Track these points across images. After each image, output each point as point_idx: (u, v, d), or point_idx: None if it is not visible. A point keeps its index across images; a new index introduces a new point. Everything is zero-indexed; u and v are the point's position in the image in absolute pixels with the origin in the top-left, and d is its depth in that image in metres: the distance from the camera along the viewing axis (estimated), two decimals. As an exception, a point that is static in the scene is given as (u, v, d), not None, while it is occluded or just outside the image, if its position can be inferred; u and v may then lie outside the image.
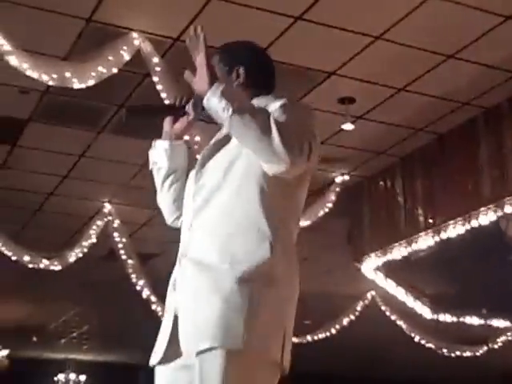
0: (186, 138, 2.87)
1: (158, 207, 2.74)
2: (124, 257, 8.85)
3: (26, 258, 8.48)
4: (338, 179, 7.93)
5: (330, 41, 5.65)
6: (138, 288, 9.34)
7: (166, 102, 2.67)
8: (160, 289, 9.81)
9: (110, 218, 8.55)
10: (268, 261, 2.31)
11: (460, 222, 6.86)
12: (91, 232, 8.47)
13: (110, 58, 5.35)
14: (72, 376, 16.31)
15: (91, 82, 5.36)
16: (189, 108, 2.59)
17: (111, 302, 11.34)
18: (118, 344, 14.68)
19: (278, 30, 5.52)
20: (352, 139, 7.12)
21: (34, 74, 5.07)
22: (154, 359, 2.44)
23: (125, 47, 5.39)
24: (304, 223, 7.98)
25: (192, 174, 2.55)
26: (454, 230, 6.94)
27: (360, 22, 5.44)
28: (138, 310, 10.82)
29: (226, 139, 2.45)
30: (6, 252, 8.18)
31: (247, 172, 2.37)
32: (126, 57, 5.43)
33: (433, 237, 7.18)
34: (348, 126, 6.64)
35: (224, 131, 2.48)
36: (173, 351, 2.38)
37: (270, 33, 5.54)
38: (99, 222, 8.53)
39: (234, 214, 2.36)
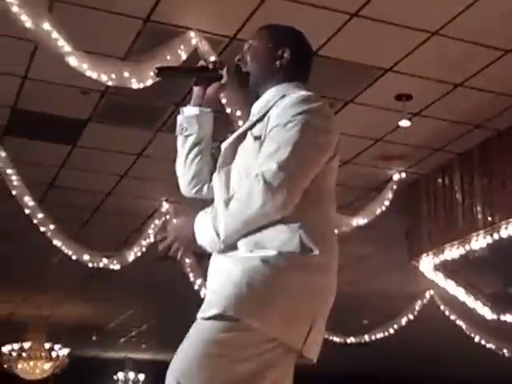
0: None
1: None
2: (181, 256, 8.91)
3: (86, 257, 8.61)
4: (396, 177, 7.88)
5: (386, 37, 5.63)
6: (196, 287, 9.41)
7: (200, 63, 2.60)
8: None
9: (167, 216, 8.63)
10: (298, 250, 2.26)
11: (519, 220, 6.77)
12: (149, 231, 8.56)
13: (168, 57, 5.40)
14: (131, 375, 16.51)
15: (149, 82, 5.42)
16: (224, 71, 2.58)
17: (169, 301, 11.45)
18: (175, 343, 14.76)
19: (334, 27, 5.51)
20: (409, 136, 7.08)
21: (94, 75, 5.15)
22: None
23: (182, 46, 5.43)
24: (361, 221, 7.97)
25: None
26: (514, 228, 6.85)
27: (416, 17, 5.40)
28: (196, 309, 10.90)
29: (244, 136, 2.43)
30: (66, 251, 8.32)
31: None
32: (184, 56, 5.47)
33: (491, 235, 7.08)
34: (405, 123, 6.59)
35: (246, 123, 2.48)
36: None
37: (325, 30, 5.54)
38: (157, 221, 8.62)
39: None
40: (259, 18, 5.30)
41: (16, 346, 12.98)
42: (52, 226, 7.83)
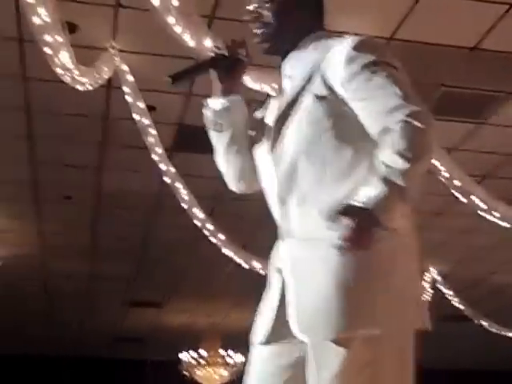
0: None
1: None
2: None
3: (256, 265, 8.78)
4: None
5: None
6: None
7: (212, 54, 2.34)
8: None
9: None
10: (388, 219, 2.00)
11: None
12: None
13: (328, 62, 5.42)
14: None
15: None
16: (243, 54, 2.31)
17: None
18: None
19: (491, 19, 5.35)
20: None
21: (256, 86, 5.25)
22: (255, 338, 2.26)
23: (340, 51, 5.44)
24: None
25: (262, 142, 2.26)
26: None
27: None
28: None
29: (292, 103, 2.16)
30: (238, 260, 8.53)
31: (336, 136, 2.10)
32: (341, 60, 5.48)
33: None
34: None
35: (291, 86, 2.19)
36: (277, 332, 2.17)
37: (483, 23, 5.39)
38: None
39: (334, 175, 2.10)
40: (415, 17, 5.25)
41: (193, 353, 13.33)
42: (222, 237, 8.03)
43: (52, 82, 5.45)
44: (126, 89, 5.69)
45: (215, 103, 2.35)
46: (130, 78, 5.65)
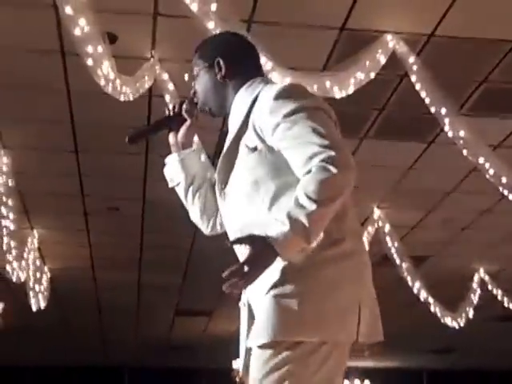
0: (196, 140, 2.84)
1: (427, 209, 2.61)
2: (397, 261, 8.86)
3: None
4: None
5: None
6: (415, 291, 9.29)
7: (164, 114, 2.59)
8: (437, 290, 9.73)
9: (380, 223, 8.60)
10: (326, 245, 2.17)
11: None
12: (364, 239, 8.56)
13: (367, 63, 5.40)
14: (356, 382, 16.57)
15: (351, 90, 5.44)
16: (184, 113, 2.55)
17: (387, 306, 11.36)
18: (398, 350, 14.66)
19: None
20: None
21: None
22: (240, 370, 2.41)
23: (380, 50, 5.41)
24: None
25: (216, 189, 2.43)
26: None
27: None
28: (418, 313, 10.77)
29: (235, 146, 2.34)
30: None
31: (269, 170, 2.24)
32: (382, 60, 5.45)
33: None
34: None
35: (229, 136, 2.38)
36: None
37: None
38: (370, 228, 8.60)
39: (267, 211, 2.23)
40: (456, 11, 5.18)
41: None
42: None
43: (94, 94, 5.50)
44: (167, 97, 5.72)
45: (169, 159, 2.61)
46: (171, 86, 5.69)
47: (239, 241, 2.12)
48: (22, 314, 10.85)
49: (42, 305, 9.91)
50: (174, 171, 2.60)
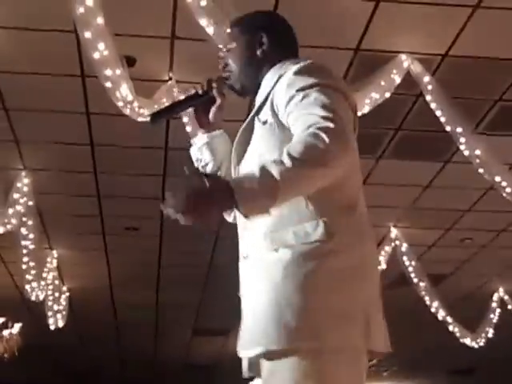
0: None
1: (444, 227, 2.45)
2: (415, 280, 8.85)
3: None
4: None
5: None
6: (433, 310, 9.27)
7: (188, 93, 2.44)
8: (455, 309, 9.70)
9: (397, 242, 8.61)
10: (323, 241, 2.04)
11: None
12: (381, 258, 8.57)
13: (382, 83, 5.44)
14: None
15: (367, 109, 5.48)
16: (214, 92, 2.43)
17: (405, 326, 11.33)
18: (414, 371, 14.60)
19: None
20: None
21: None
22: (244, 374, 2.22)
23: (395, 70, 5.46)
24: None
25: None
26: None
27: None
28: (432, 332, 10.72)
29: (250, 127, 2.26)
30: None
31: None
32: (397, 80, 5.49)
33: None
34: None
35: (251, 113, 2.28)
36: (254, 367, 2.14)
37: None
38: (387, 248, 8.61)
39: None
40: (470, 31, 5.22)
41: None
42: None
43: (113, 116, 5.58)
44: (184, 119, 5.78)
45: (198, 139, 2.50)
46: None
47: (206, 175, 1.91)
48: (40, 333, 10.92)
49: (61, 324, 9.96)
50: (202, 152, 2.49)
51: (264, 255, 2.11)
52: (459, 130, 5.74)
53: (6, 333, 10.56)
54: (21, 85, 5.84)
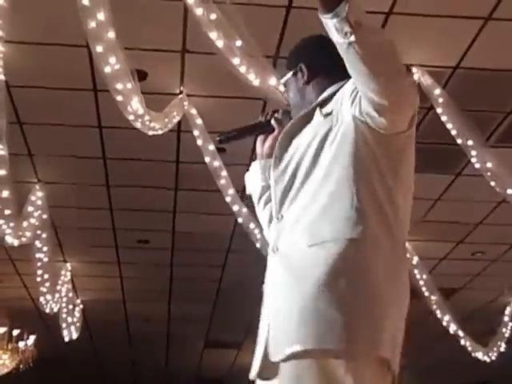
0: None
1: (456, 241, 2.48)
2: (426, 293, 8.82)
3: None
4: None
5: None
6: (444, 324, 9.23)
7: (255, 120, 2.58)
8: (467, 323, 9.65)
9: (408, 255, 8.59)
10: (362, 240, 2.06)
11: None
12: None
13: (393, 96, 5.44)
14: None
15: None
16: (273, 121, 2.53)
17: (416, 339, 11.29)
18: (429, 383, 14.52)
19: None
20: None
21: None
22: (251, 373, 2.18)
23: (406, 83, 5.46)
24: None
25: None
26: None
27: None
28: (444, 345, 10.67)
29: (304, 121, 2.32)
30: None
31: (338, 151, 2.15)
32: (408, 93, 5.49)
33: None
34: None
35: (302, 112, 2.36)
36: (269, 365, 2.09)
37: None
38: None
39: (323, 196, 2.14)
40: (480, 43, 5.24)
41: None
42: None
43: (125, 129, 5.62)
44: (195, 132, 5.82)
45: (253, 166, 2.57)
46: (199, 120, 5.78)
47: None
48: (54, 345, 10.96)
49: (74, 336, 9.99)
50: (254, 177, 2.57)
51: (299, 250, 2.11)
52: (470, 142, 5.73)
53: (21, 344, 10.63)
54: (34, 99, 5.91)
